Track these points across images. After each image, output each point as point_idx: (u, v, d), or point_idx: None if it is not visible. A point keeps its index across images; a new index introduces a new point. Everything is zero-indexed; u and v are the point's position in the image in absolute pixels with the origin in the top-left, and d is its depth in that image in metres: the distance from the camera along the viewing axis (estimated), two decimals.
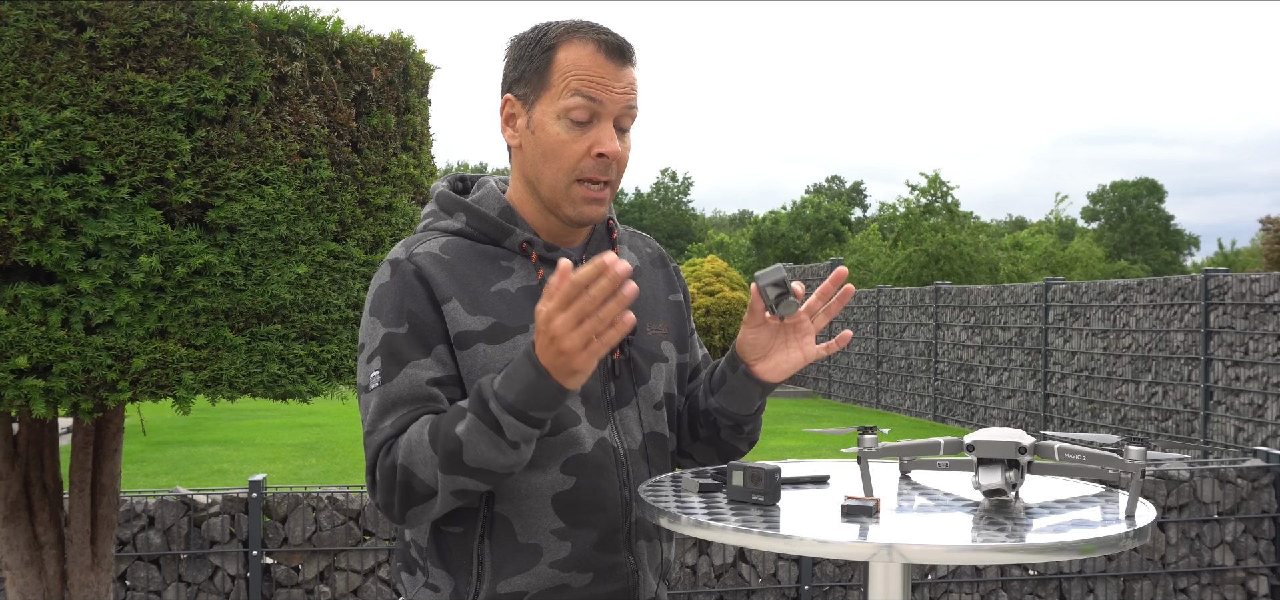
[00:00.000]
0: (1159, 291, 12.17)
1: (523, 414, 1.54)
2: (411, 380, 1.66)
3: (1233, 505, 5.66)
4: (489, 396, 1.56)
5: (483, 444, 1.56)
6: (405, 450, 1.62)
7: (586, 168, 1.71)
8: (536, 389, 1.53)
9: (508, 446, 1.56)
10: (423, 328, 1.69)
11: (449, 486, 1.60)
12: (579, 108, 1.69)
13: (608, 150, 1.70)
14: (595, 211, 1.74)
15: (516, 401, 1.54)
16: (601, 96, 1.70)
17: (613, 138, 1.71)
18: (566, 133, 1.71)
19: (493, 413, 1.55)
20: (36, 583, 3.44)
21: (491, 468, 1.58)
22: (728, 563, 5.10)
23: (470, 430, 1.56)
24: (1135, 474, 1.53)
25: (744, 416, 1.85)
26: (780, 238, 32.11)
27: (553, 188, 1.74)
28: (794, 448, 12.73)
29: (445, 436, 1.58)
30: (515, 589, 1.70)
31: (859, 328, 19.80)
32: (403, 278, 1.71)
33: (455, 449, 1.57)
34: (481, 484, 1.61)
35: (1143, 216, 56.76)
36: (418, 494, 1.62)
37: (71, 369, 2.70)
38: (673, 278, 1.97)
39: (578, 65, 1.70)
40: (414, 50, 3.41)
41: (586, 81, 1.69)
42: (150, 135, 2.73)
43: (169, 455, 11.76)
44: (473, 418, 1.56)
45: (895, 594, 1.50)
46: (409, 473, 1.61)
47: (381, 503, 1.65)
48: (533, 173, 1.76)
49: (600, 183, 1.73)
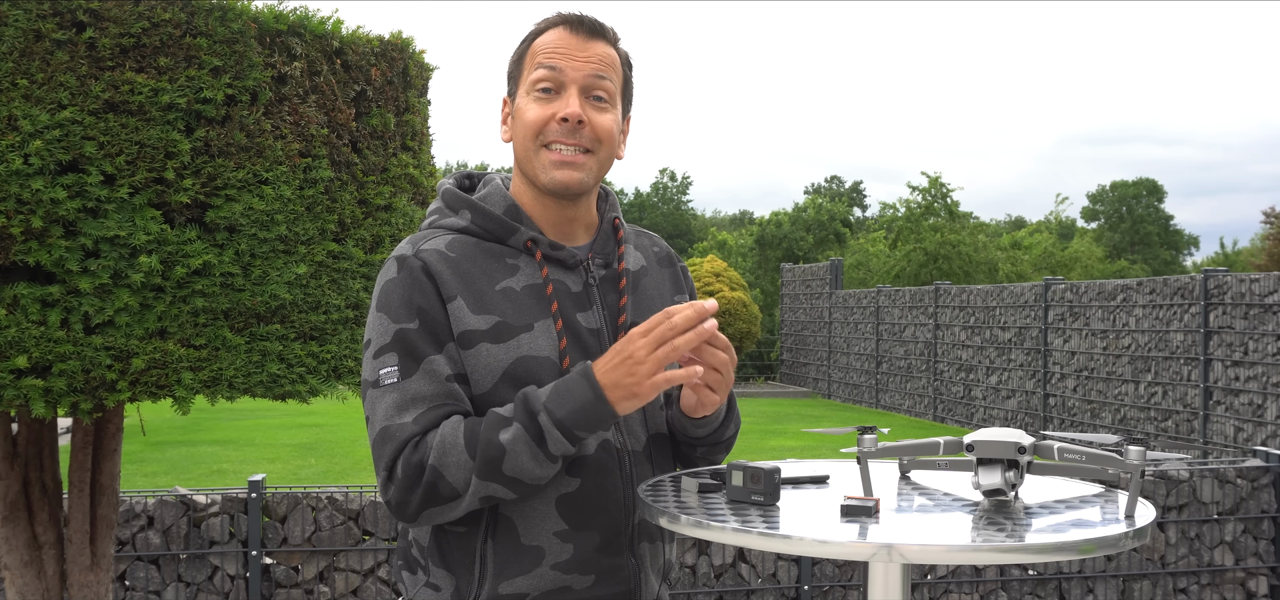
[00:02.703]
0: (1158, 291, 12.17)
1: (570, 432, 1.58)
2: (431, 376, 1.67)
3: (1232, 505, 5.67)
4: (538, 408, 1.59)
5: (525, 455, 1.59)
6: (438, 451, 1.62)
7: (552, 132, 1.75)
8: (590, 410, 1.58)
9: (547, 460, 1.60)
10: (434, 323, 1.69)
11: (480, 491, 1.61)
12: (543, 79, 1.75)
13: (568, 112, 1.73)
14: (566, 176, 1.75)
15: (567, 418, 1.58)
16: (562, 63, 1.75)
17: (575, 102, 1.74)
18: (534, 103, 1.76)
19: (540, 424, 1.58)
20: (36, 583, 3.44)
21: (525, 479, 1.61)
22: (727, 563, 5.10)
23: (515, 440, 1.59)
24: (1135, 474, 1.53)
25: (693, 438, 1.85)
26: (783, 239, 32.11)
27: (525, 160, 1.78)
28: (793, 448, 12.73)
29: (486, 443, 1.60)
30: (517, 590, 1.70)
31: (859, 328, 19.80)
32: (411, 274, 1.72)
33: (496, 456, 1.59)
34: (510, 493, 1.63)
35: (1142, 216, 56.76)
36: (442, 495, 1.62)
37: (71, 369, 2.70)
38: (679, 277, 1.98)
39: (546, 44, 1.77)
40: (413, 50, 3.41)
41: (549, 54, 1.76)
42: (150, 135, 2.73)
43: (168, 455, 11.76)
44: (519, 427, 1.59)
45: (895, 594, 1.50)
46: (438, 473, 1.61)
47: (396, 500, 1.65)
48: (516, 155, 1.81)
49: (569, 146, 1.75)
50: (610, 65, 1.79)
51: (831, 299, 21.02)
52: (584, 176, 1.77)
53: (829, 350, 21.05)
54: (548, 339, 1.72)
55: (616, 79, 1.80)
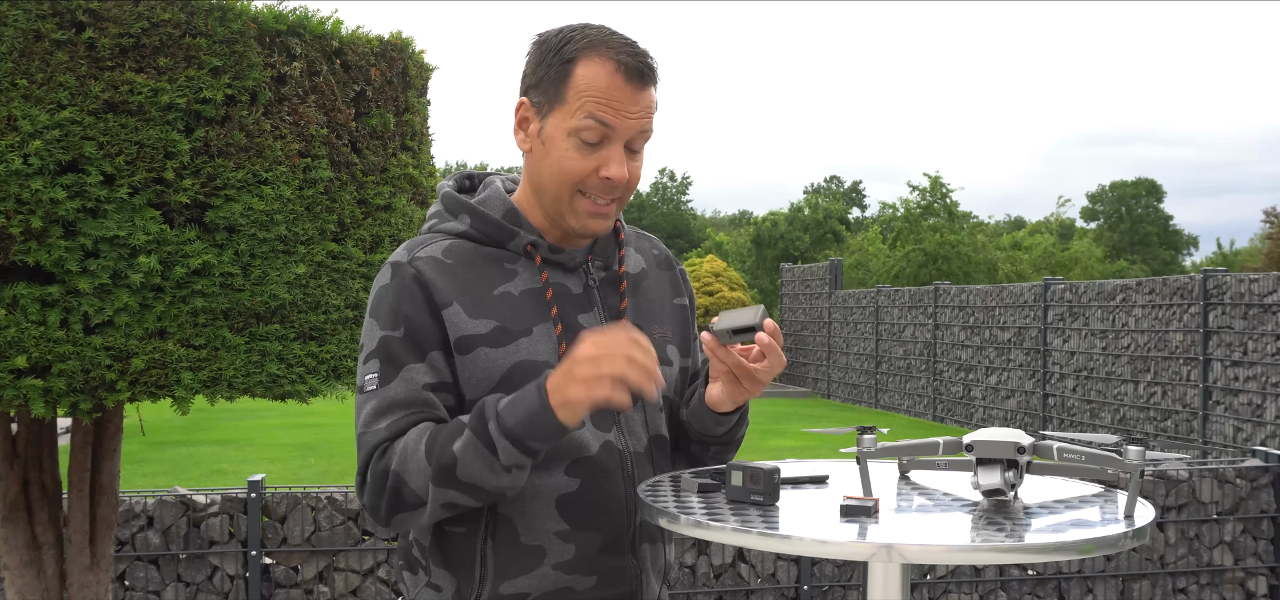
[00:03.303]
0: (1158, 291, 12.17)
1: (520, 442, 1.56)
2: (408, 384, 1.67)
3: (1232, 505, 5.67)
4: (490, 416, 1.58)
5: (477, 463, 1.57)
6: (400, 457, 1.62)
7: (591, 186, 1.70)
8: (536, 420, 1.55)
9: (501, 470, 1.58)
10: (418, 333, 1.69)
11: (439, 499, 1.60)
12: (590, 130, 1.67)
13: (614, 175, 1.68)
14: (599, 225, 1.74)
15: (515, 427, 1.55)
16: (614, 122, 1.67)
17: (621, 162, 1.68)
18: (575, 151, 1.68)
19: (490, 434, 1.56)
20: (35, 583, 3.44)
21: (484, 486, 1.59)
22: (727, 563, 5.10)
23: (466, 447, 1.57)
24: (1134, 474, 1.53)
25: (710, 437, 1.85)
26: (780, 238, 32.12)
27: (556, 199, 1.73)
28: (793, 448, 12.72)
29: (441, 449, 1.59)
30: (518, 590, 1.70)
31: (858, 328, 19.79)
32: (402, 281, 1.71)
33: (449, 463, 1.58)
34: (472, 500, 1.62)
35: (1142, 217, 56.77)
36: (406, 501, 1.62)
37: (70, 369, 2.70)
38: (679, 281, 1.97)
39: (594, 85, 1.66)
40: (413, 50, 3.40)
41: (601, 105, 1.66)
42: (149, 135, 2.73)
43: (168, 455, 11.76)
44: (470, 435, 1.58)
45: (894, 594, 1.50)
46: (401, 479, 1.61)
47: (370, 505, 1.66)
48: (538, 181, 1.75)
49: (605, 200, 1.72)
50: (653, 112, 1.72)
51: (831, 299, 21.02)
52: (611, 223, 1.77)
53: (828, 350, 21.05)
54: (547, 342, 1.71)
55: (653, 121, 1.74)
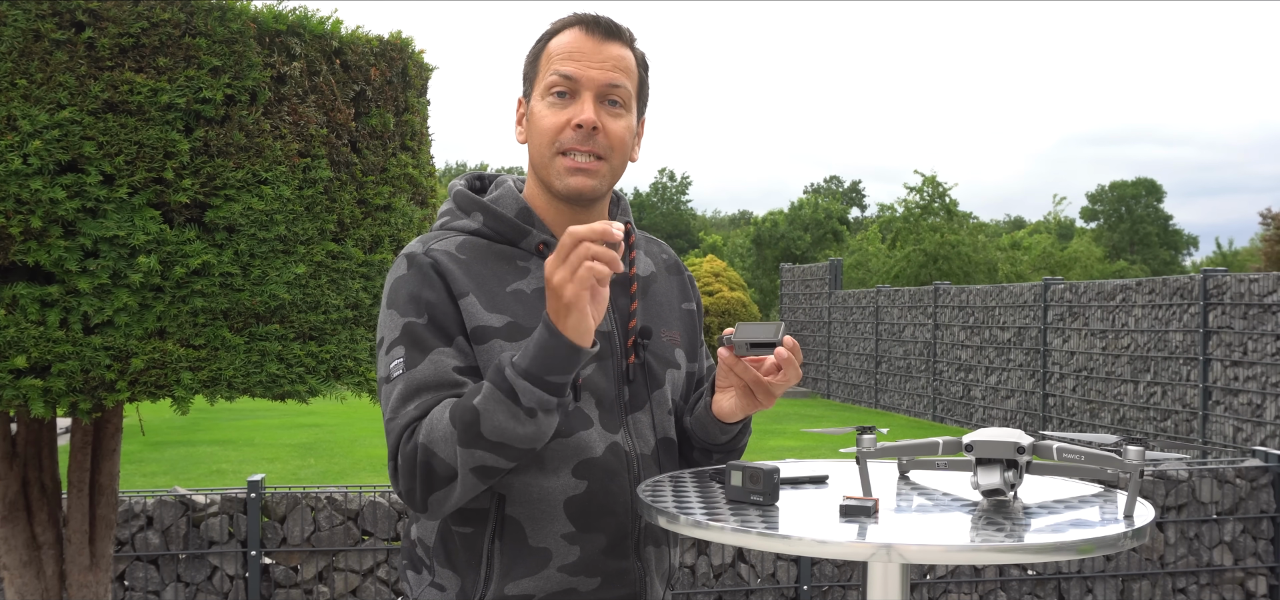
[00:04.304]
0: (1158, 291, 12.17)
1: (537, 377, 1.55)
2: (437, 366, 1.66)
3: (1231, 505, 5.67)
4: (505, 364, 1.58)
5: (500, 413, 1.56)
6: (426, 431, 1.61)
7: (567, 139, 1.73)
8: (545, 347, 1.55)
9: (524, 415, 1.56)
10: (442, 317, 1.69)
11: (468, 462, 1.59)
12: (558, 83, 1.74)
13: (583, 120, 1.72)
14: (580, 182, 1.75)
15: (531, 366, 1.55)
16: (576, 71, 1.73)
17: (589, 108, 1.72)
18: (548, 110, 1.75)
19: (508, 379, 1.56)
20: (35, 583, 3.44)
21: (509, 440, 1.58)
22: (727, 563, 5.10)
23: (487, 399, 1.57)
24: (1134, 474, 1.53)
25: (713, 445, 1.85)
26: (780, 238, 32.14)
27: (541, 165, 1.77)
28: (793, 448, 12.72)
29: (464, 409, 1.58)
30: (523, 592, 1.70)
31: (858, 328, 19.80)
32: (420, 270, 1.72)
33: (473, 419, 1.57)
34: (502, 460, 1.60)
35: (1142, 216, 56.79)
36: (439, 475, 1.60)
37: (70, 369, 2.70)
38: (686, 286, 1.98)
39: (561, 47, 1.76)
40: (413, 50, 3.40)
41: (564, 59, 1.74)
42: (149, 135, 2.73)
43: (167, 455, 11.76)
44: (489, 386, 1.57)
45: (894, 594, 1.50)
46: (429, 452, 1.60)
47: (404, 490, 1.64)
48: (531, 160, 1.80)
49: (583, 153, 1.74)
50: (626, 68, 1.78)
51: (831, 299, 21.02)
52: (598, 183, 1.77)
53: (828, 350, 21.05)
54: None
55: (631, 82, 1.79)
